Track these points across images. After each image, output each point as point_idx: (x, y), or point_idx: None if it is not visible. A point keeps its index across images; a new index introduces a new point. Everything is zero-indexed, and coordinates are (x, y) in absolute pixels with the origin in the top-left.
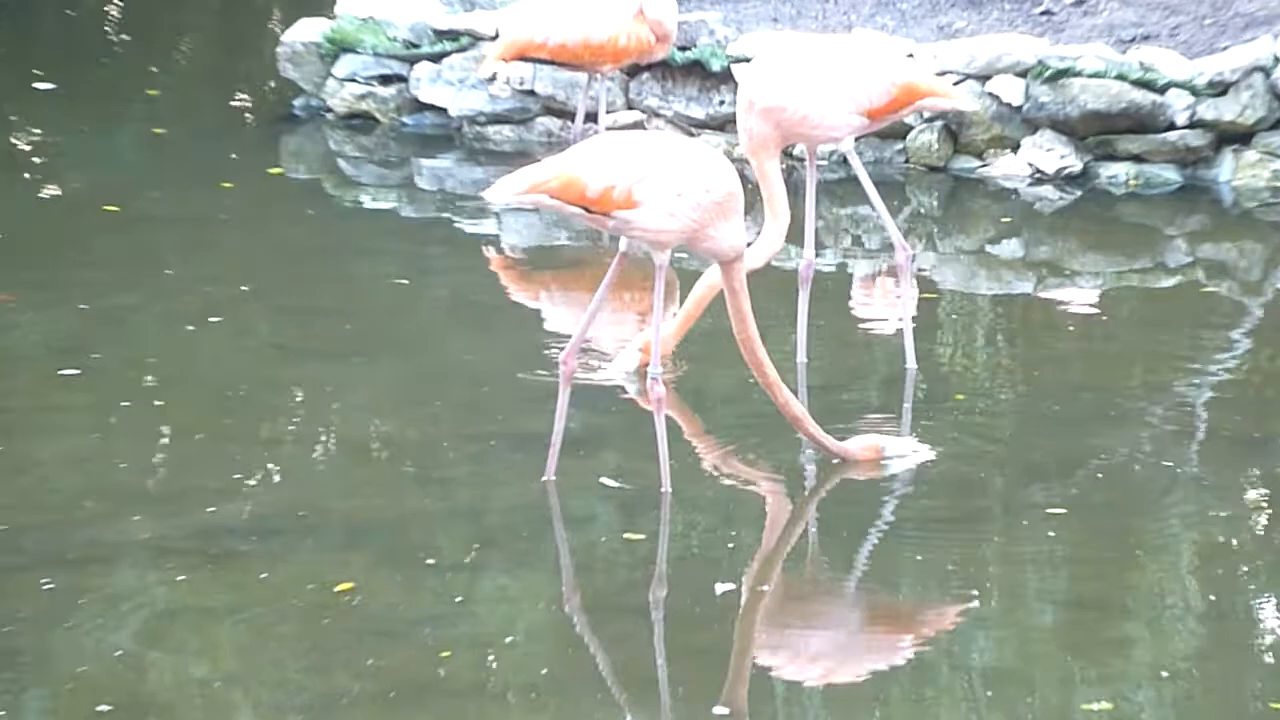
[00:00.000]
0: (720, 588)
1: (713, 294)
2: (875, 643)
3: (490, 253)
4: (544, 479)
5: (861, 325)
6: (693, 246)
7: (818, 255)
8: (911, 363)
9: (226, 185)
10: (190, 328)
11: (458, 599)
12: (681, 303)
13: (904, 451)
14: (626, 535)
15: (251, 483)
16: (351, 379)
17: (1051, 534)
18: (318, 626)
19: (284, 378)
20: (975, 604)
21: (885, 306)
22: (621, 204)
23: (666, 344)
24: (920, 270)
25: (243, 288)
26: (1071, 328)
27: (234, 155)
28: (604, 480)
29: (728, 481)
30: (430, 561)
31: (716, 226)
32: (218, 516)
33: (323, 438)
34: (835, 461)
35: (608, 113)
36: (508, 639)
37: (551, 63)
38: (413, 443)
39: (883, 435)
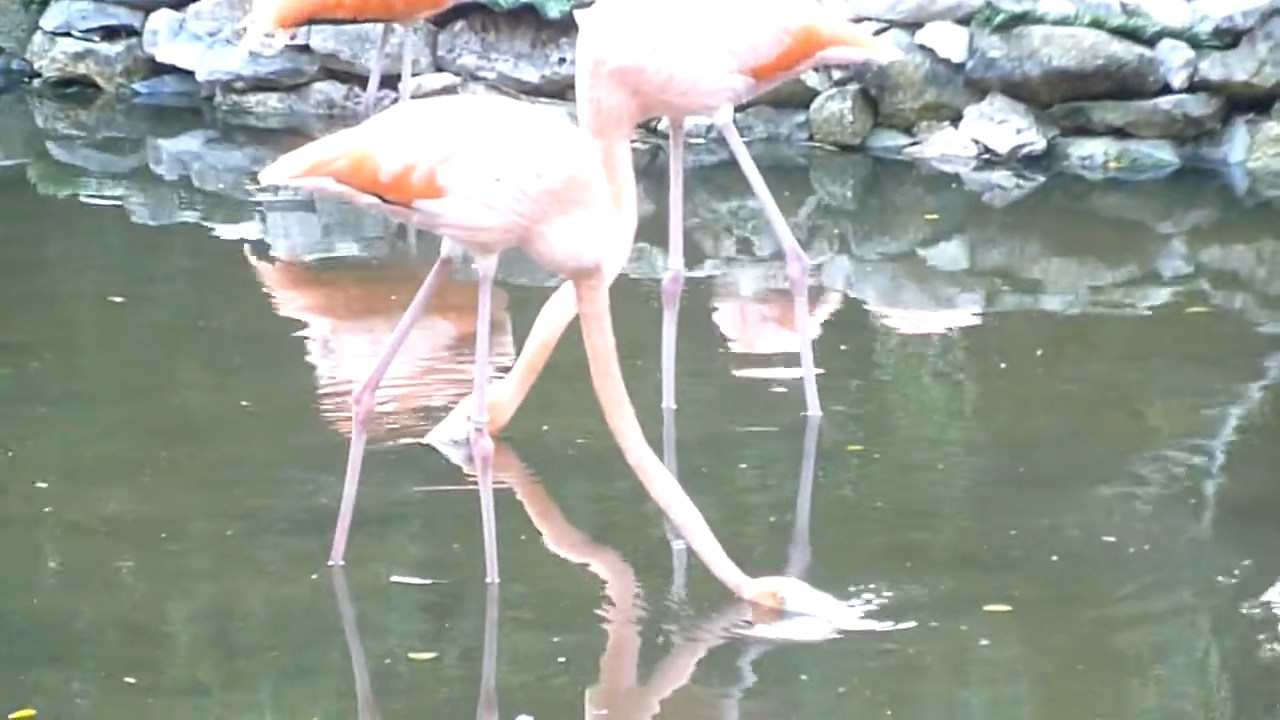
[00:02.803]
0: None
1: (558, 335)
2: None
3: (251, 263)
4: (325, 566)
5: (744, 356)
6: (525, 250)
7: (690, 266)
8: (814, 409)
9: None
10: None
11: None
12: (515, 337)
13: (810, 609)
14: (415, 655)
15: None
16: (45, 434)
17: (989, 640)
18: None
19: None
20: None
21: (763, 332)
22: (422, 191)
23: (505, 408)
24: (828, 284)
25: None
26: (1028, 360)
27: None
28: (397, 579)
29: (573, 570)
30: (132, 681)
31: (551, 223)
32: None
33: (3, 513)
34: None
35: (411, 75)
36: None
37: (350, 21)
38: (131, 520)
39: (790, 582)
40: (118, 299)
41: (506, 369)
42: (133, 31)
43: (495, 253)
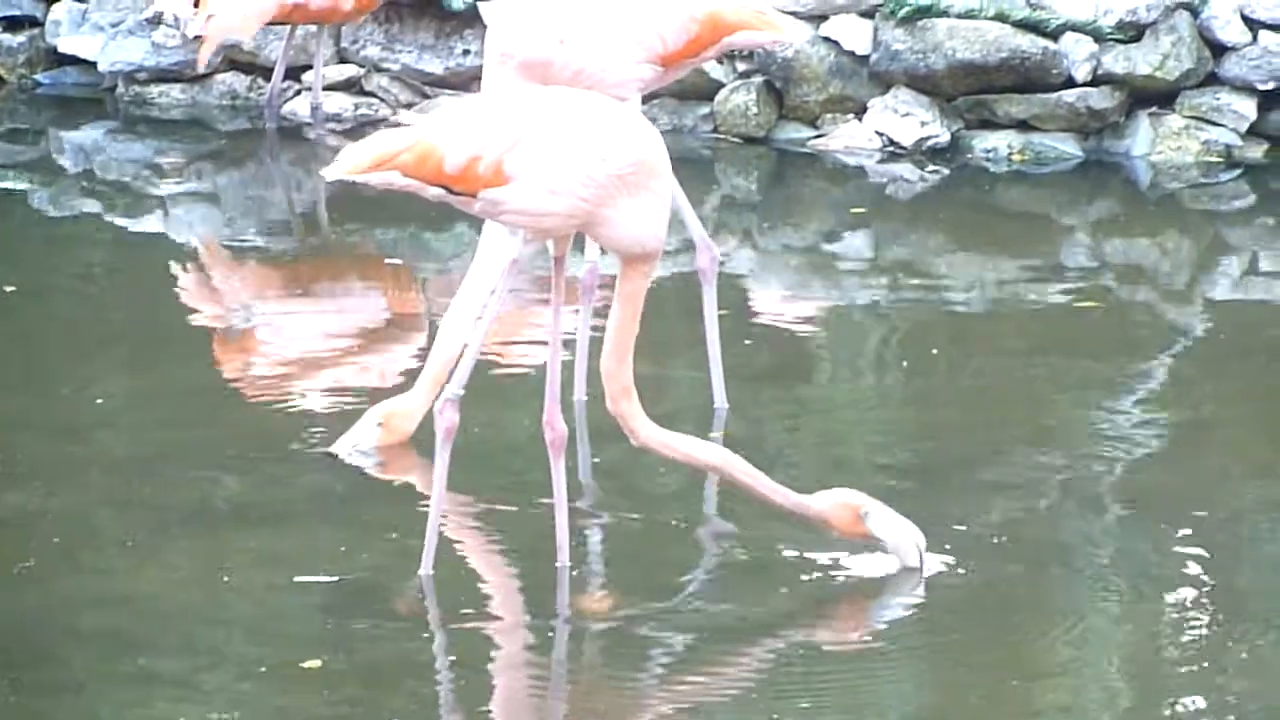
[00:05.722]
0: None
1: (458, 354)
2: None
3: (152, 254)
4: (229, 565)
5: (652, 347)
6: (588, 234)
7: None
8: (721, 401)
9: None
10: None
11: None
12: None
13: (893, 531)
14: (305, 663)
15: None
16: None
17: (887, 635)
18: None
19: None
20: None
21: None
22: (490, 180)
23: (411, 416)
24: (733, 276)
25: None
26: (932, 353)
27: None
28: (300, 579)
29: (474, 567)
30: (18, 679)
31: (616, 207)
32: None
33: None
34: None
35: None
36: None
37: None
38: (26, 519)
39: (869, 498)
40: (9, 288)
41: (419, 358)
42: (35, 22)
43: (559, 237)
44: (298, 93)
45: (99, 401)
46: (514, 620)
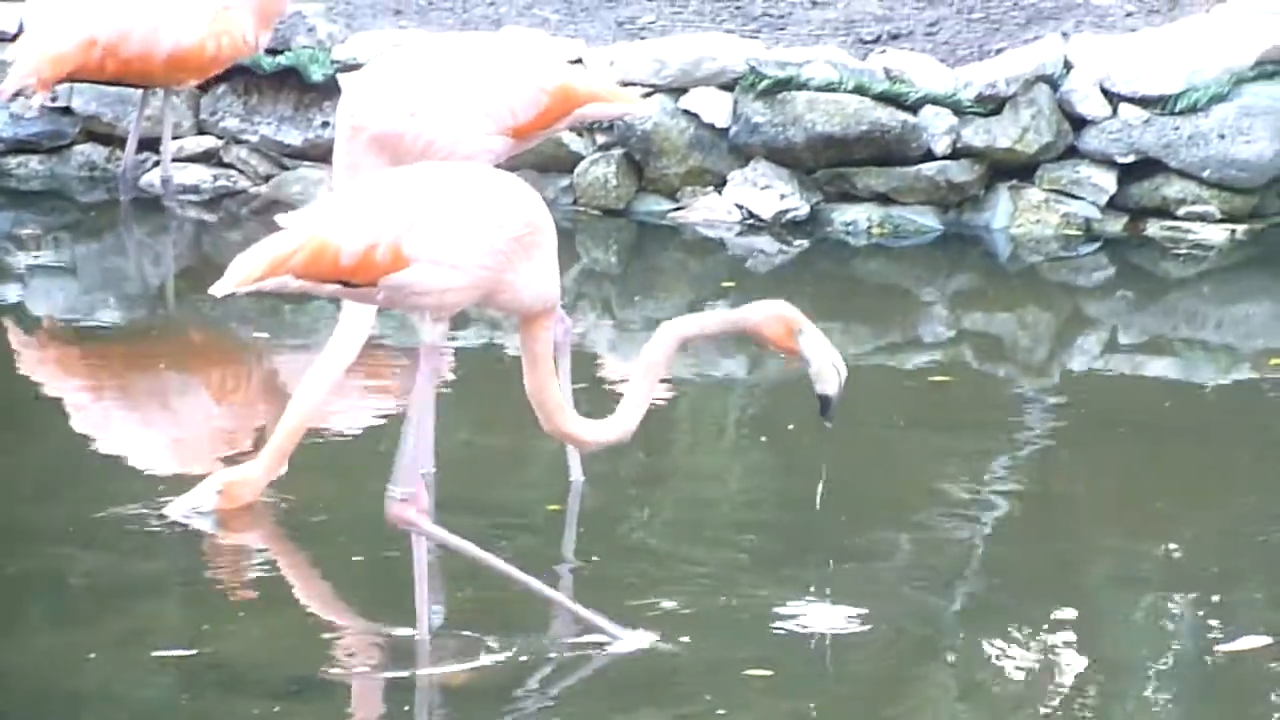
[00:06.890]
0: None
1: (311, 419)
2: None
3: (8, 326)
4: (93, 643)
5: (504, 419)
6: (490, 304)
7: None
8: (577, 474)
9: None
10: None
11: None
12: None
13: (822, 354)
14: None
15: None
16: None
17: (747, 708)
18: None
19: None
20: None
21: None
22: (389, 265)
23: (255, 486)
24: (591, 348)
25: None
26: (790, 427)
27: None
28: (158, 653)
29: (360, 631)
30: None
31: (517, 271)
32: None
33: None
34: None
35: (173, 138)
36: None
37: (112, 82)
38: None
39: (804, 318)
40: None
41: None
42: None
43: (448, 316)
44: (155, 164)
45: None
46: (372, 693)
